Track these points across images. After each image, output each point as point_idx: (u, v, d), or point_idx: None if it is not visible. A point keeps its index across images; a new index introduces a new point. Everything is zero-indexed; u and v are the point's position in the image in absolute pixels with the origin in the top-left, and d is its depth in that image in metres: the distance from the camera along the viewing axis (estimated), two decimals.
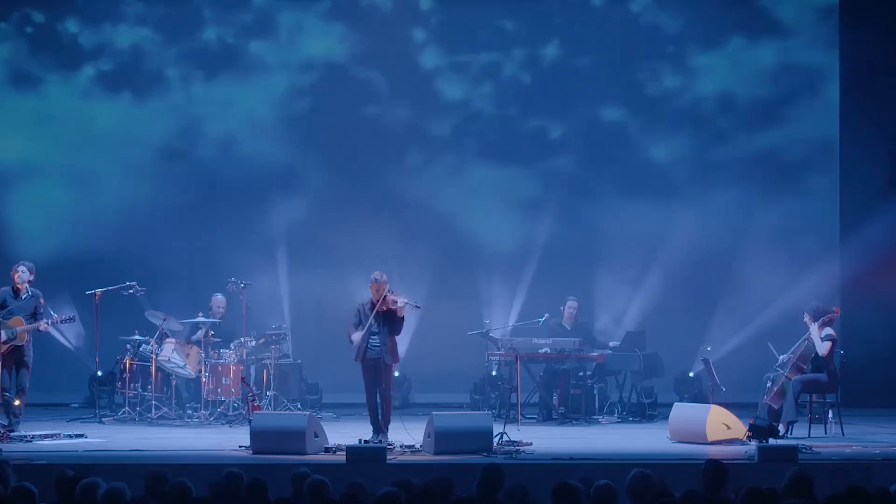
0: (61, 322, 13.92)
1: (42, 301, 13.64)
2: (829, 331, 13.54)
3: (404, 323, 12.77)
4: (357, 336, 12.62)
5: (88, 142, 17.61)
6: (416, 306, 12.71)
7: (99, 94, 17.69)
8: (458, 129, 17.90)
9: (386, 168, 17.84)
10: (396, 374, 15.98)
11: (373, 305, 12.66)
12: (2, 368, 13.26)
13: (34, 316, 13.54)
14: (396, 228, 17.50)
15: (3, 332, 13.29)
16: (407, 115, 17.88)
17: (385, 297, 12.58)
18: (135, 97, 17.70)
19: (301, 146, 17.88)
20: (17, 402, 13.43)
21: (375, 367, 12.63)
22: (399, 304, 12.53)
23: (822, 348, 13.43)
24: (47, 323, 13.69)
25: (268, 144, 17.77)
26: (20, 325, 13.40)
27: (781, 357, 13.69)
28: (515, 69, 17.88)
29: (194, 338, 15.39)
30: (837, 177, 17.53)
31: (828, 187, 17.58)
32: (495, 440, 12.00)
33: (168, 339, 14.92)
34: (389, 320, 12.62)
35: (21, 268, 13.53)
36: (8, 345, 13.33)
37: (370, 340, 12.61)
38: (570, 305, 15.82)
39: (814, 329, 13.46)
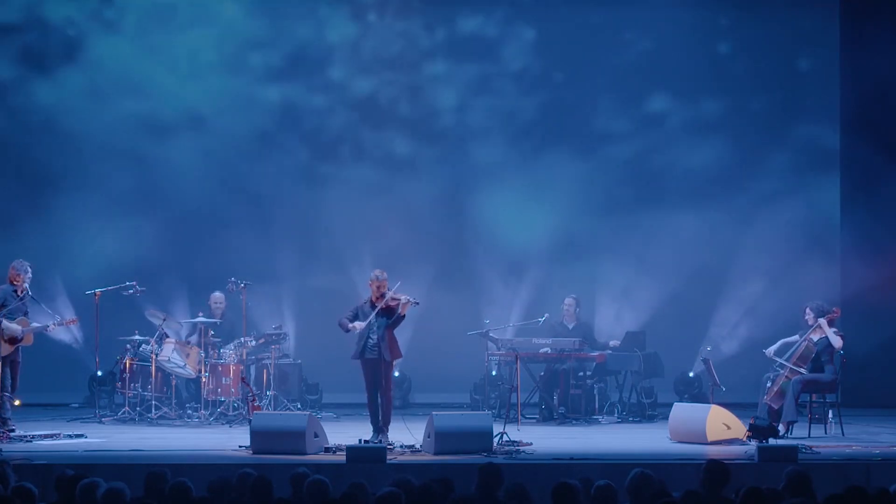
0: (67, 324, 13.96)
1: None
2: (832, 329, 13.53)
3: (403, 320, 12.77)
4: (359, 324, 12.58)
5: None
6: (416, 303, 12.70)
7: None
8: (458, 130, 17.89)
9: (389, 166, 17.86)
10: (396, 373, 16.00)
11: (373, 304, 12.67)
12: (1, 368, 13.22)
13: (26, 316, 13.49)
14: (397, 227, 17.49)
15: (13, 329, 13.19)
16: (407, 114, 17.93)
17: (384, 295, 12.59)
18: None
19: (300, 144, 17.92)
20: (17, 403, 13.41)
21: (375, 366, 12.63)
22: (402, 302, 12.54)
23: (837, 341, 13.40)
24: (55, 324, 13.69)
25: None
26: (26, 326, 13.37)
27: (782, 360, 13.69)
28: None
29: (191, 339, 15.37)
30: (838, 176, 17.52)
31: (829, 187, 17.56)
32: (495, 440, 12.00)
33: (168, 339, 14.92)
34: (389, 317, 12.62)
35: (25, 266, 13.43)
36: (15, 345, 13.28)
37: (369, 339, 12.61)
38: (568, 302, 15.84)
39: (823, 324, 13.41)
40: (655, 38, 17.71)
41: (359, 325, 12.61)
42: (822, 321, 13.47)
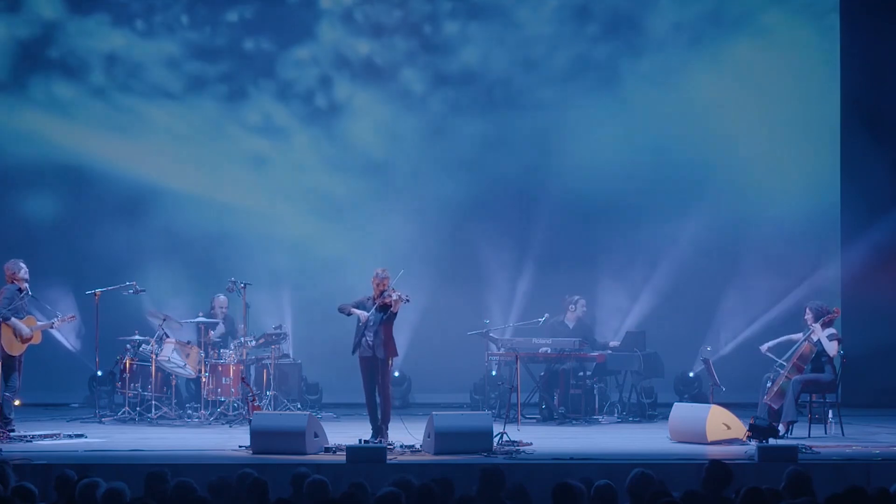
0: (67, 321, 13.96)
1: None
2: (831, 330, 13.52)
3: (396, 317, 12.77)
4: (362, 313, 12.60)
5: None
6: (406, 300, 12.72)
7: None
8: (455, 122, 17.88)
9: (390, 164, 17.86)
10: (396, 373, 16.01)
11: (374, 301, 12.69)
12: (3, 368, 13.19)
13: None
14: (398, 227, 17.48)
15: (24, 329, 13.15)
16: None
17: (383, 292, 12.62)
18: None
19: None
20: (17, 403, 13.40)
21: (371, 364, 12.65)
22: (394, 298, 12.56)
23: (831, 348, 13.40)
24: (59, 320, 13.68)
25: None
26: (33, 324, 13.35)
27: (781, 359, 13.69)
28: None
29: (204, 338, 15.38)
30: (838, 176, 17.51)
31: (829, 187, 17.55)
32: (495, 440, 12.01)
33: (168, 339, 14.93)
34: (384, 314, 12.65)
35: (18, 263, 13.36)
36: (26, 344, 13.24)
37: (365, 337, 12.62)
38: (581, 303, 15.80)
39: (816, 328, 13.45)
40: None
41: (362, 313, 12.61)
42: (817, 326, 13.47)
